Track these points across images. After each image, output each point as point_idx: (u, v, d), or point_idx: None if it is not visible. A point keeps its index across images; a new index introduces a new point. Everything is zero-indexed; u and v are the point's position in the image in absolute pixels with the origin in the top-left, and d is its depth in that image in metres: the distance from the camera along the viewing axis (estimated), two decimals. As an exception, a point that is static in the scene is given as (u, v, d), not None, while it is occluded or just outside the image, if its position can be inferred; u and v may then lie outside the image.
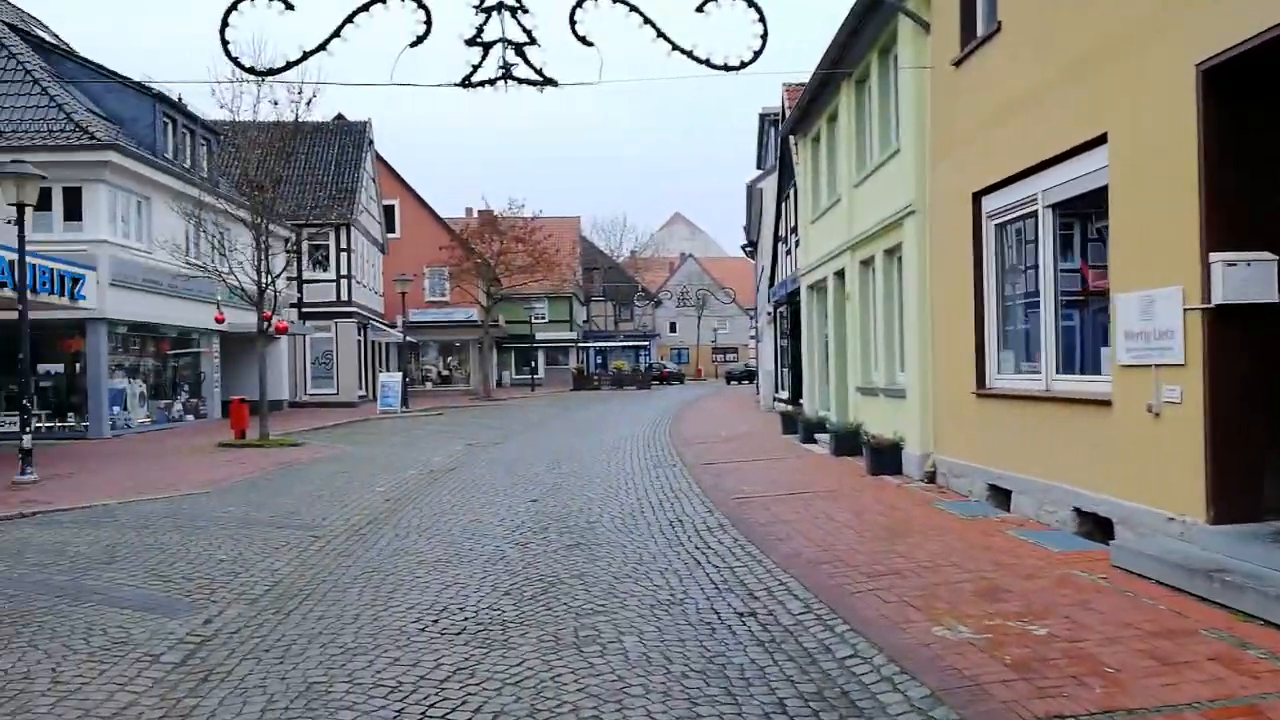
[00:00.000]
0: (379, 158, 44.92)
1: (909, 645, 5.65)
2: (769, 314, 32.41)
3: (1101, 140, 8.02)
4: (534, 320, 57.66)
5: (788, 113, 24.47)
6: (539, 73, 9.67)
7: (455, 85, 9.89)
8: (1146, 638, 5.56)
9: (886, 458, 12.99)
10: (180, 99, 27.88)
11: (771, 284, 30.32)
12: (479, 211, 59.59)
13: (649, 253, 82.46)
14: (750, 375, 72.57)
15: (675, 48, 9.28)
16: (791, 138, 23.52)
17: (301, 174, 36.23)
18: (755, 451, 17.36)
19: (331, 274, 37.72)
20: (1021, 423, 9.60)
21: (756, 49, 9.27)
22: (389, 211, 47.49)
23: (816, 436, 17.64)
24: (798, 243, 24.29)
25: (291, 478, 14.88)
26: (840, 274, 17.22)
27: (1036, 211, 9.26)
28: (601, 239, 78.95)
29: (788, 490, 12.23)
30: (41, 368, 24.11)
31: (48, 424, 23.39)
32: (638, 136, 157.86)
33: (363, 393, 39.16)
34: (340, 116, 42.18)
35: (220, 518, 11.08)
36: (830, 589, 7.07)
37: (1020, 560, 7.62)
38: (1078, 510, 8.45)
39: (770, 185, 30.62)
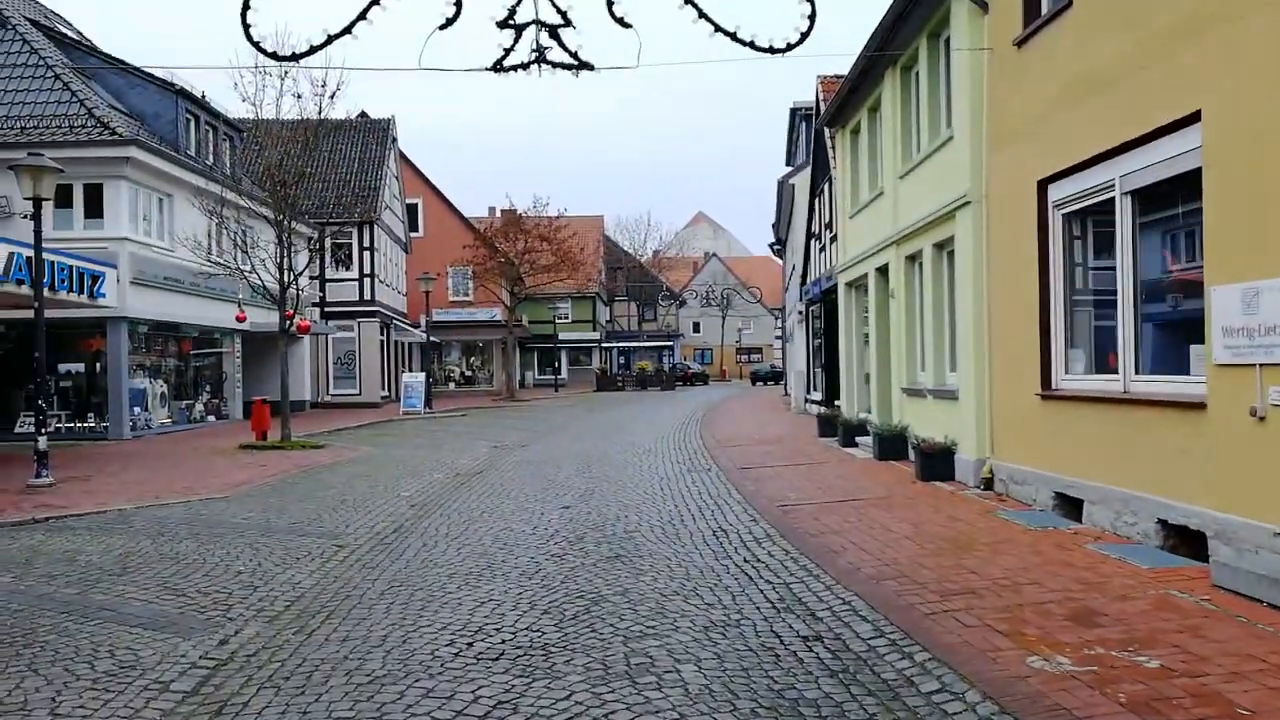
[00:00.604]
0: (402, 156, 44.52)
1: (1003, 678, 5.01)
2: (800, 313, 31.71)
3: (1193, 119, 7.34)
4: (557, 320, 57.09)
5: (823, 106, 23.83)
6: (574, 56, 9.13)
7: (487, 70, 9.38)
8: (1276, 673, 4.90)
9: (937, 463, 12.31)
10: (203, 95, 27.56)
11: (804, 282, 29.63)
12: (502, 210, 59.25)
13: (674, 251, 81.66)
14: (776, 376, 71.83)
15: (718, 29, 8.69)
16: (828, 130, 22.88)
17: (324, 171, 35.87)
18: (793, 455, 16.71)
19: (354, 273, 37.31)
20: (1095, 427, 8.92)
21: (804, 30, 8.66)
22: (412, 210, 47.09)
23: (857, 440, 16.96)
24: (833, 239, 23.62)
25: (313, 482, 14.37)
26: (883, 270, 16.54)
27: (1113, 198, 8.58)
28: (625, 238, 78.29)
29: (835, 497, 11.59)
30: (62, 367, 23.83)
31: (67, 424, 23.07)
32: (661, 136, 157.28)
33: (385, 393, 38.74)
34: (363, 114, 41.78)
35: (239, 525, 10.56)
36: (901, 609, 6.44)
37: (1107, 578, 6.95)
38: (1163, 522, 7.77)
39: (802, 181, 29.96)
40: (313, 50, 9.23)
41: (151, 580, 7.83)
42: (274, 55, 10.15)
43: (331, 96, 20.42)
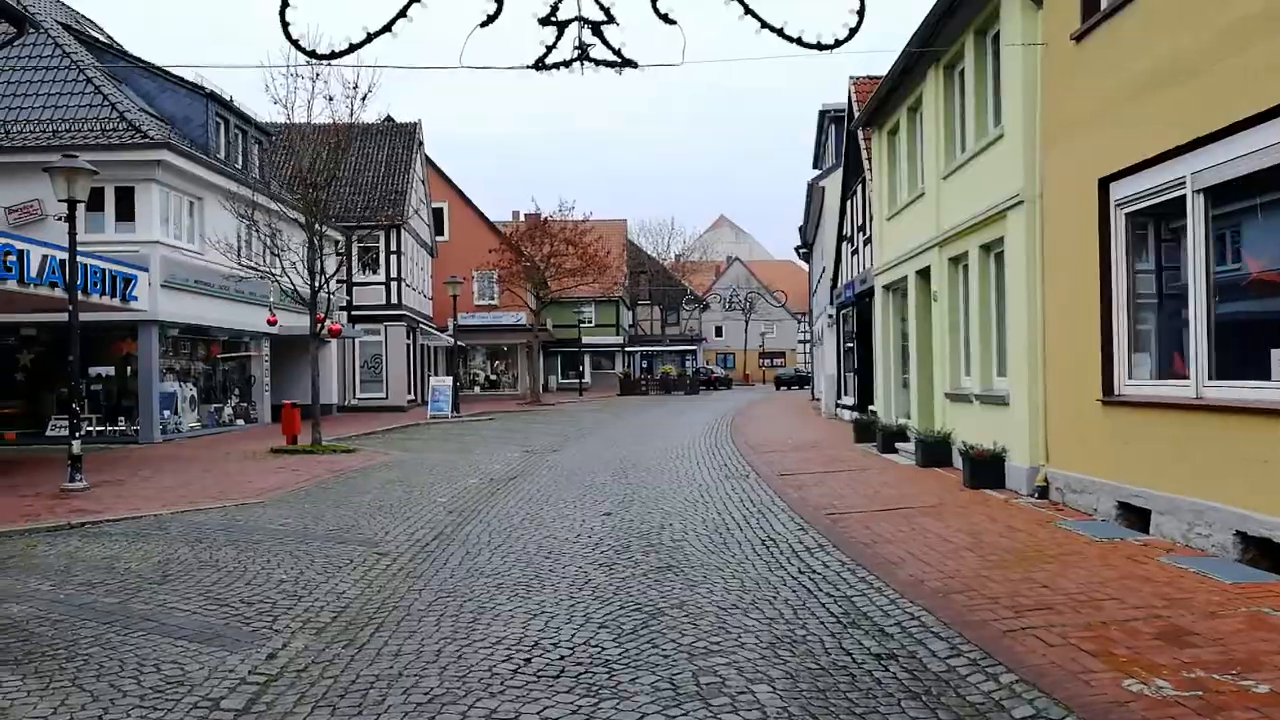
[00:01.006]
0: (428, 160, 44.49)
1: (1102, 704, 4.71)
2: (829, 317, 31.37)
3: (1274, 113, 7.01)
4: (581, 324, 56.85)
5: (856, 108, 23.52)
6: (617, 54, 8.91)
7: (528, 67, 9.19)
8: (1398, 700, 4.57)
9: (987, 470, 11.98)
10: (232, 100, 27.54)
11: (834, 286, 29.29)
12: (524, 215, 59.15)
13: (697, 255, 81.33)
14: (801, 380, 71.36)
15: (764, 25, 8.43)
16: (860, 132, 22.58)
17: (351, 175, 35.87)
18: (831, 461, 16.39)
19: (381, 277, 37.26)
20: (1163, 434, 8.58)
21: (852, 25, 8.39)
22: (437, 214, 47.05)
23: (898, 446, 16.63)
24: (867, 241, 23.30)
25: (348, 487, 14.19)
26: (924, 272, 16.21)
27: (1184, 196, 8.24)
28: (649, 242, 78.06)
29: (883, 505, 11.28)
30: (92, 370, 23.77)
31: (98, 428, 23.03)
32: (680, 140, 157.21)
33: (411, 397, 38.65)
34: (389, 119, 41.78)
35: (277, 531, 10.37)
36: (975, 625, 6.13)
37: (1190, 594, 6.62)
38: (1241, 535, 7.42)
39: (833, 183, 29.62)
40: (353, 48, 9.04)
41: (193, 589, 7.63)
42: (313, 53, 9.98)
43: (363, 99, 20.27)
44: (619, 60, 9.03)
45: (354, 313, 36.48)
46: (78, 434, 13.87)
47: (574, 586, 7.59)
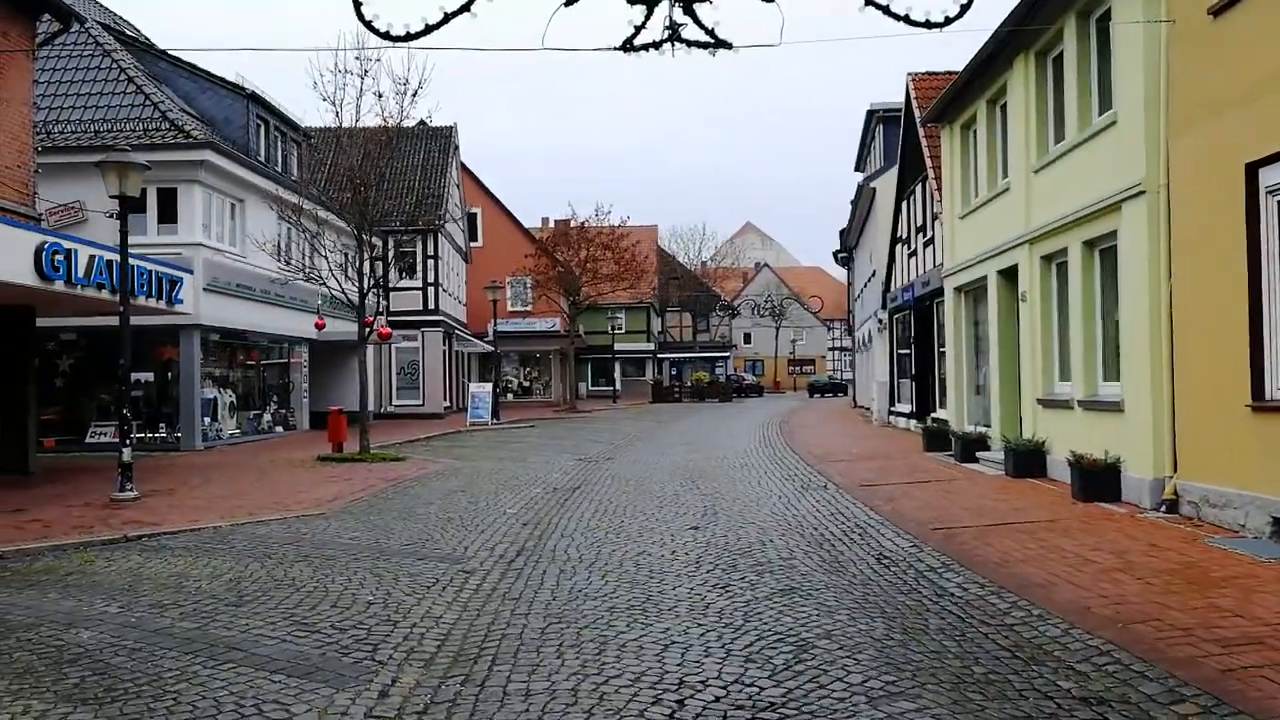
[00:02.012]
0: (462, 165, 43.97)
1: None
2: (879, 321, 30.52)
3: None
4: (618, 331, 56.07)
5: (915, 105, 22.73)
6: (710, 34, 8.19)
7: (615, 49, 8.51)
8: None
9: (1100, 481, 11.14)
10: (270, 100, 27.03)
11: (886, 289, 28.44)
12: (554, 221, 58.55)
13: (729, 261, 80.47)
14: (835, 388, 70.44)
15: (869, 2, 7.69)
16: (922, 130, 21.78)
17: (388, 178, 35.30)
18: (910, 472, 15.56)
19: (418, 282, 36.69)
20: (1336, 443, 7.75)
21: (964, 2, 7.62)
22: (471, 219, 46.51)
23: (979, 455, 15.78)
24: (928, 242, 22.49)
25: (409, 497, 13.50)
26: (1008, 272, 15.40)
27: (1365, 179, 7.42)
28: (679, 247, 77.25)
29: (991, 519, 10.46)
30: (131, 376, 23.24)
31: (138, 434, 22.45)
32: (705, 149, 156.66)
33: (447, 404, 38.05)
34: (422, 122, 41.27)
35: (348, 545, 9.68)
36: (1181, 663, 5.34)
37: None
38: None
39: (885, 184, 28.80)
40: (429, 30, 8.38)
41: (275, 612, 6.93)
42: (387, 35, 9.33)
43: (413, 95, 19.65)
44: (712, 41, 8.33)
45: (391, 318, 35.88)
46: (128, 441, 13.26)
47: (695, 611, 6.84)
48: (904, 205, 25.68)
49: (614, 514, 11.65)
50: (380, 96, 19.51)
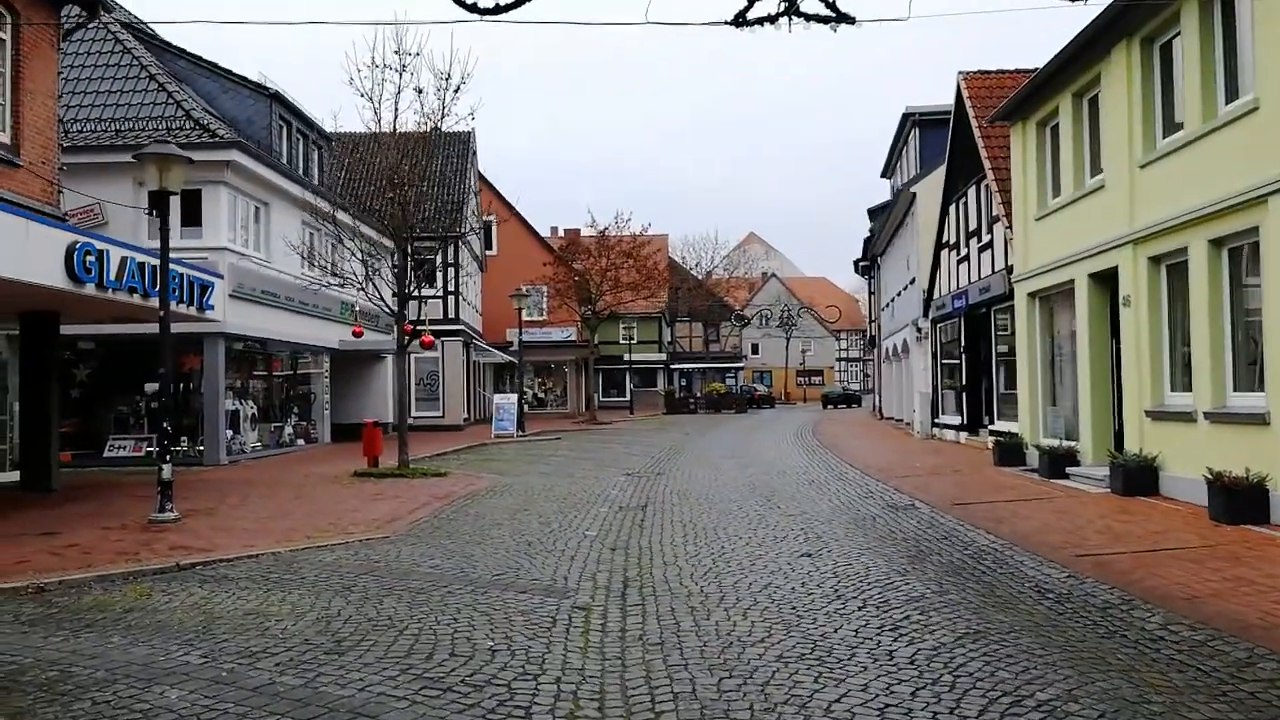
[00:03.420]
0: (479, 172, 43.02)
1: None
2: (918, 330, 29.56)
3: None
4: (630, 341, 55.07)
5: (968, 104, 21.82)
6: (831, 7, 7.36)
7: (726, 23, 7.68)
8: None
9: (1244, 501, 10.14)
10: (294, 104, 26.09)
11: (928, 297, 27.47)
12: (564, 230, 57.67)
13: (742, 270, 79.54)
14: (849, 399, 69.48)
15: None
16: (977, 129, 20.87)
17: (426, 179, 34.35)
18: (993, 488, 14.57)
19: (438, 290, 35.67)
20: None
21: None
22: (486, 227, 45.52)
23: (1069, 470, 14.80)
24: (985, 247, 21.56)
25: (471, 518, 12.46)
26: (1101, 276, 14.44)
27: None
28: (691, 256, 76.24)
29: (1137, 545, 9.48)
30: (148, 387, 22.22)
31: (158, 448, 21.43)
32: (706, 159, 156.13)
33: (466, 415, 37.01)
34: (435, 128, 40.38)
35: (432, 575, 8.66)
36: None
37: None
38: None
39: (926, 188, 27.88)
40: (519, 2, 7.58)
41: (387, 661, 5.90)
42: (474, 7, 8.38)
43: (455, 90, 18.71)
44: (834, 15, 7.50)
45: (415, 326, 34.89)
46: (169, 456, 12.24)
47: (881, 661, 5.82)
48: (952, 210, 24.73)
49: (706, 538, 10.63)
50: (420, 92, 18.58)
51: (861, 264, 46.75)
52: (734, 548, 9.94)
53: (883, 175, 39.70)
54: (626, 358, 57.49)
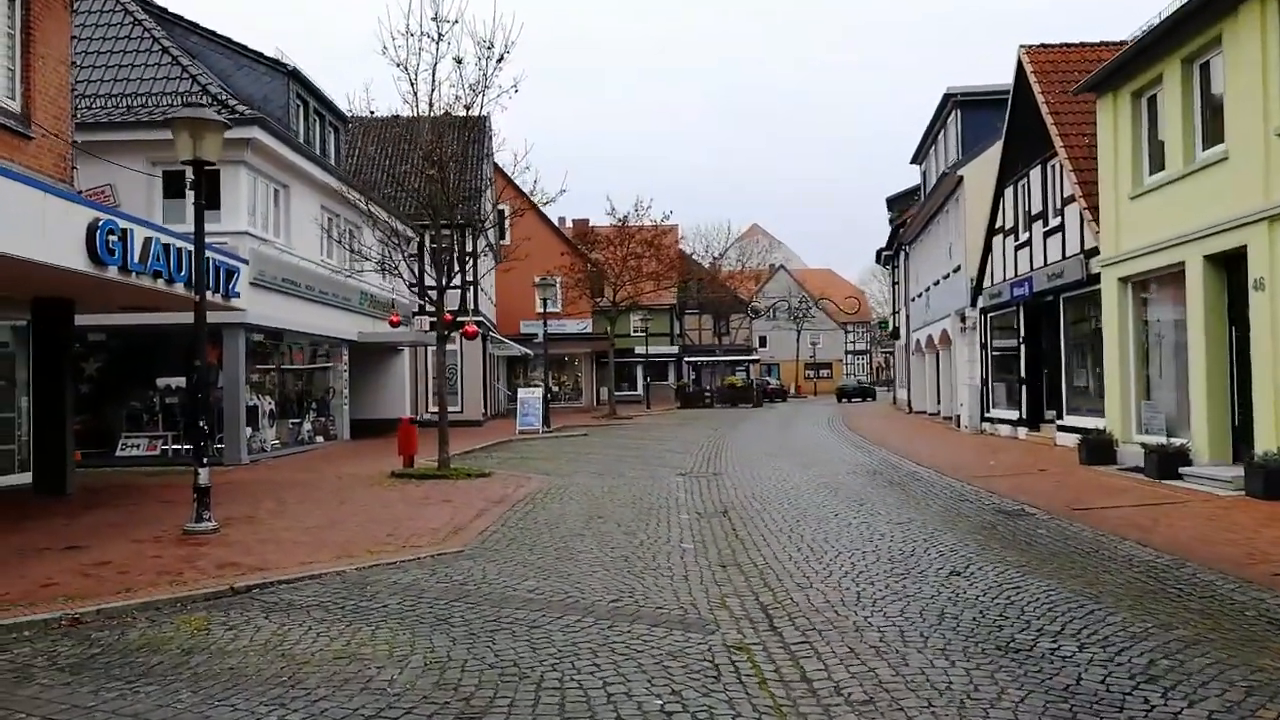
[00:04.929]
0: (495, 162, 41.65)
1: None
2: (962, 320, 28.30)
3: None
4: (644, 334, 53.74)
5: (1033, 80, 20.54)
6: None
7: None
8: None
9: None
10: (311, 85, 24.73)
11: (977, 285, 26.20)
12: (571, 221, 56.28)
13: (754, 262, 78.12)
14: (864, 392, 68.21)
15: None
16: (1044, 104, 19.59)
17: (421, 169, 32.99)
18: (1101, 491, 13.32)
19: (456, 280, 34.26)
20: None
21: None
22: (500, 216, 44.13)
23: (1181, 471, 13.56)
24: (1051, 231, 20.30)
25: (543, 527, 11.15)
26: (1221, 258, 13.18)
27: None
28: (702, 246, 74.76)
29: (1335, 560, 8.24)
30: (160, 381, 20.92)
31: (173, 446, 20.16)
32: (707, 151, 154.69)
33: (484, 411, 35.68)
34: (446, 112, 38.98)
35: (537, 603, 7.36)
36: None
37: None
38: None
39: (974, 170, 26.58)
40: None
41: (544, 734, 4.63)
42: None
43: (499, 60, 17.38)
44: None
45: (427, 318, 33.57)
46: (205, 460, 10.91)
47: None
48: (1008, 192, 23.46)
49: (821, 551, 9.35)
50: (460, 62, 17.24)
51: (885, 254, 45.43)
52: (864, 564, 8.68)
53: (913, 160, 38.35)
54: (639, 350, 56.23)
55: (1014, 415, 23.52)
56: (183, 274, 13.06)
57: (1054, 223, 20.29)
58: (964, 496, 13.50)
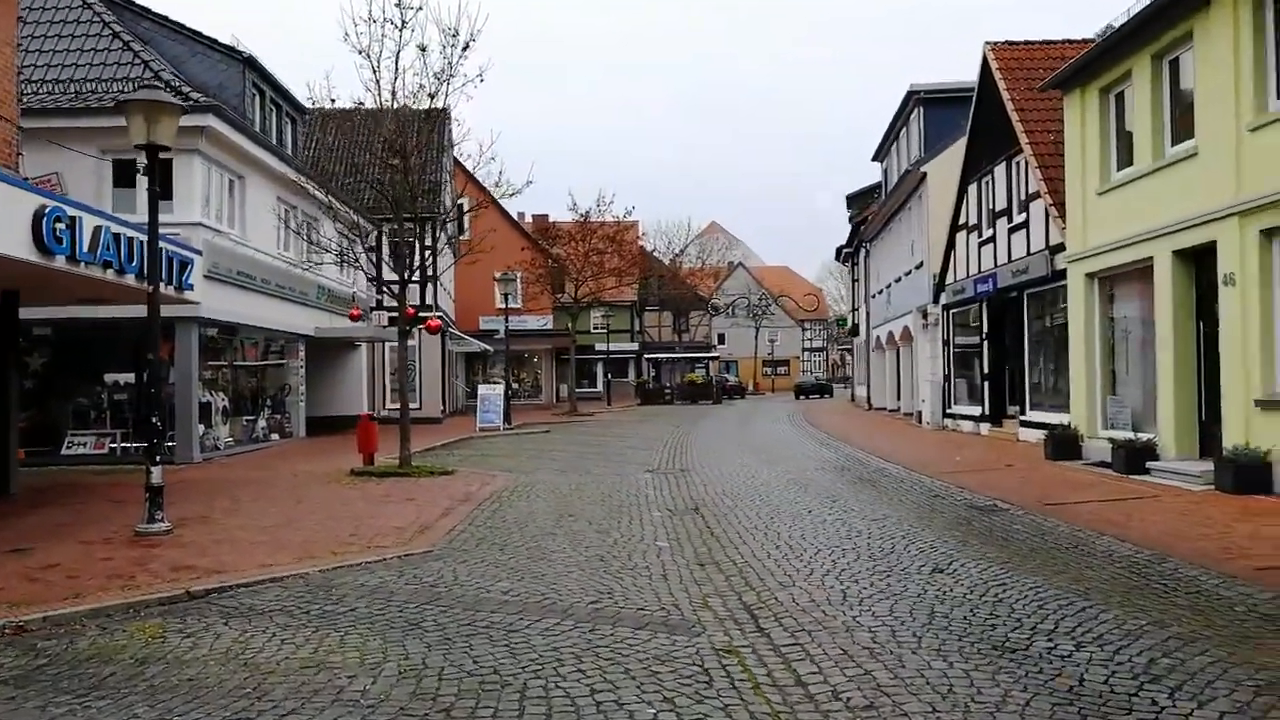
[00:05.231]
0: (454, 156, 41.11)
1: None
2: (925, 316, 28.39)
3: None
4: (605, 330, 53.51)
5: (999, 76, 20.58)
6: None
7: None
8: None
9: None
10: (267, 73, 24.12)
11: (940, 282, 26.27)
12: (531, 216, 55.84)
13: (713, 259, 78.08)
14: (822, 389, 68.52)
15: None
16: (1009, 101, 19.65)
17: (383, 158, 32.41)
18: (1069, 486, 13.31)
19: (417, 274, 33.69)
20: None
21: None
22: (459, 210, 43.57)
23: (1149, 465, 13.60)
24: (1015, 228, 20.37)
25: (512, 525, 10.84)
26: (1190, 253, 13.23)
27: None
28: (663, 243, 74.54)
29: (1315, 555, 8.21)
30: (109, 378, 20.25)
31: (123, 444, 19.50)
32: (682, 146, 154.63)
33: (443, 408, 35.16)
34: (406, 105, 38.35)
35: (513, 605, 7.06)
36: None
37: None
38: None
39: (938, 167, 26.64)
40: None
41: (532, 748, 4.36)
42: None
43: (464, 48, 16.99)
44: None
45: (386, 313, 33.00)
46: (158, 458, 10.45)
47: (1185, 732, 4.41)
48: (971, 189, 23.53)
49: (799, 549, 9.16)
50: (424, 50, 16.83)
51: (845, 251, 45.58)
52: (845, 561, 8.50)
53: (875, 158, 38.44)
54: (600, 347, 55.90)
55: (976, 411, 23.61)
56: (134, 264, 12.57)
57: (1018, 219, 20.36)
58: (935, 492, 13.41)
